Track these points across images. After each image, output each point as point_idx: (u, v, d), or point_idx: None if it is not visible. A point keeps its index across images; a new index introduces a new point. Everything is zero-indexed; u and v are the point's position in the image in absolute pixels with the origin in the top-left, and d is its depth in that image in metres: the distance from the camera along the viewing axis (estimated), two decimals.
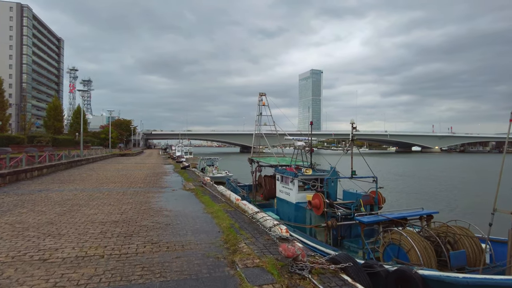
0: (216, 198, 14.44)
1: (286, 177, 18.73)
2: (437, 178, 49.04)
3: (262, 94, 27.15)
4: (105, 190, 16.65)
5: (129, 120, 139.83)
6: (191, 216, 10.80)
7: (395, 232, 10.71)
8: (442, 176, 51.94)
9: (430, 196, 32.64)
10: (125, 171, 28.44)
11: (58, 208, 11.89)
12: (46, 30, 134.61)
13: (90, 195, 15.09)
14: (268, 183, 23.33)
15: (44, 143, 64.38)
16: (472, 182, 45.57)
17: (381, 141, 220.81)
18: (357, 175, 16.11)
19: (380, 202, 15.89)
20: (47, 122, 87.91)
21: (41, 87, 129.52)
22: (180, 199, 14.38)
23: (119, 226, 9.36)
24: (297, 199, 17.89)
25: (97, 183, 19.81)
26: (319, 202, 14.76)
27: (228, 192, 15.02)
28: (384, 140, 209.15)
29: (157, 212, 11.43)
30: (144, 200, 13.82)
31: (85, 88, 70.29)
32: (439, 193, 35.11)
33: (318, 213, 14.96)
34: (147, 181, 21.19)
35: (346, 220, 14.75)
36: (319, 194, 14.99)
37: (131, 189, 17.19)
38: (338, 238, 14.87)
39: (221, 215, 10.52)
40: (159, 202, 13.50)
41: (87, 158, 40.48)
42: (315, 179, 18.38)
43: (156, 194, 15.55)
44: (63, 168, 28.74)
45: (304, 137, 21.10)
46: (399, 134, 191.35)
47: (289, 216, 18.53)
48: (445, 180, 45.90)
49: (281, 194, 19.52)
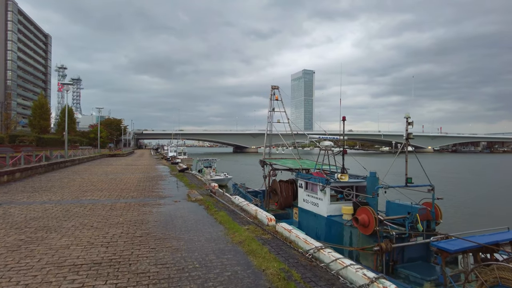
0: (236, 214, 10.87)
1: (313, 183, 15.32)
2: (456, 180, 45.91)
3: (274, 87, 23.69)
4: (88, 203, 12.93)
5: (120, 120, 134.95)
6: (211, 250, 7.22)
7: (505, 268, 7.19)
8: (460, 178, 48.82)
9: (463, 202, 29.42)
10: (114, 175, 24.66)
11: (14, 235, 8.16)
12: (33, 25, 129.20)
13: (66, 210, 11.37)
14: (285, 189, 19.90)
15: (27, 143, 60.04)
16: (503, 184, 42.48)
17: (374, 141, 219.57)
18: (413, 183, 12.79)
19: (437, 216, 12.62)
20: (32, 121, 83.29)
21: (27, 84, 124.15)
22: (188, 216, 10.75)
23: (102, 275, 5.73)
24: (329, 211, 14.53)
25: (79, 191, 16.05)
26: (369, 218, 11.39)
27: (252, 207, 11.37)
28: (378, 140, 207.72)
29: (160, 241, 7.82)
30: (139, 219, 10.17)
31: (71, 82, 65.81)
32: (470, 198, 31.92)
33: (366, 233, 11.60)
34: (141, 188, 17.51)
35: (401, 240, 11.46)
36: (368, 208, 11.61)
37: (122, 201, 13.49)
38: (390, 264, 11.48)
39: (257, 249, 6.97)
40: (160, 222, 9.87)
41: (73, 159, 36.46)
42: (349, 187, 15.05)
43: (154, 209, 11.90)
44: (42, 171, 24.81)
45: (332, 135, 17.66)
46: (392, 134, 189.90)
47: (317, 232, 15.16)
48: (469, 183, 42.65)
49: (305, 204, 16.13)
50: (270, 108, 23.85)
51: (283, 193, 19.84)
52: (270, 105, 23.85)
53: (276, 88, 24.19)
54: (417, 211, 11.79)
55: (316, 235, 14.98)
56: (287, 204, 20.09)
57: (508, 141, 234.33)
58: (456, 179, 47.78)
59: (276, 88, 24.18)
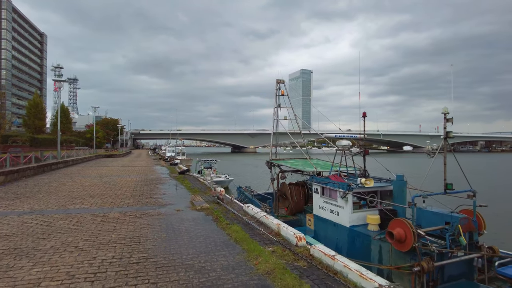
0: (253, 229, 9.00)
1: (332, 189, 13.52)
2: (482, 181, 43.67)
3: (280, 81, 21.77)
4: (76, 213, 11.04)
5: (116, 119, 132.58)
6: (231, 283, 5.40)
7: None
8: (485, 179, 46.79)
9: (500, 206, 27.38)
10: (109, 177, 22.75)
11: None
12: (28, 24, 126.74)
13: (48, 223, 9.48)
14: (296, 193, 18.09)
15: (20, 143, 57.94)
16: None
17: (372, 140, 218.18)
18: (453, 189, 11.00)
19: (480, 226, 10.81)
20: (27, 121, 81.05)
21: (23, 84, 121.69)
22: (195, 230, 8.90)
23: None
24: (352, 221, 12.73)
25: (67, 198, 14.14)
26: (405, 233, 9.60)
27: (273, 220, 9.37)
28: (376, 140, 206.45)
29: (163, 272, 5.96)
30: (135, 236, 8.31)
31: (64, 79, 63.25)
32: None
33: (403, 249, 9.80)
34: (138, 194, 15.62)
35: (441, 257, 9.72)
36: (403, 221, 9.80)
37: (115, 210, 11.61)
38: (430, 284, 9.64)
39: (294, 285, 5.15)
40: (161, 240, 8.00)
41: (66, 160, 34.49)
42: (373, 192, 13.25)
43: (153, 221, 10.02)
44: (31, 174, 22.85)
45: (350, 133, 15.89)
46: (391, 133, 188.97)
47: (337, 244, 13.37)
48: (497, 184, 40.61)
49: (322, 212, 14.33)
50: (276, 104, 21.97)
51: (294, 198, 18.05)
52: (276, 100, 21.97)
53: (282, 82, 22.30)
54: (459, 221, 10.03)
55: (336, 247, 13.19)
56: (299, 209, 18.32)
57: (506, 140, 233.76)
58: (482, 180, 45.70)
59: (281, 82, 22.29)
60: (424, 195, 10.71)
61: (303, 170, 17.78)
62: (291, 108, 21.88)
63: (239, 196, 21.70)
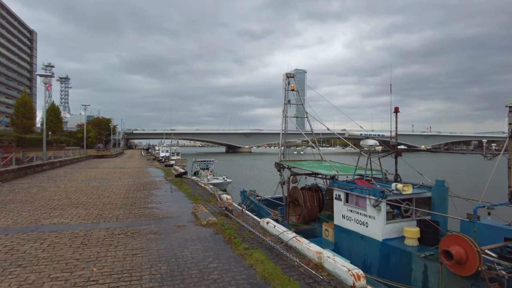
0: (281, 257, 6.78)
1: (360, 196, 11.48)
2: None
3: (289, 75, 19.79)
4: (50, 231, 8.71)
5: (109, 119, 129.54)
6: None
7: None
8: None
9: None
10: (98, 181, 20.37)
11: None
12: (17, 21, 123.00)
13: (10, 249, 7.14)
14: (310, 199, 16.01)
15: (6, 143, 55.12)
16: None
17: None
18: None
19: None
20: (14, 120, 77.94)
21: (11, 82, 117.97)
22: (205, 260, 6.67)
23: None
24: (385, 234, 10.68)
25: (44, 208, 11.80)
26: (466, 252, 7.57)
27: (311, 247, 6.98)
28: None
29: None
30: (125, 269, 6.03)
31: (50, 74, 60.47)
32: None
33: (463, 273, 7.76)
34: (130, 202, 13.32)
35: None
36: (463, 237, 7.75)
37: (101, 226, 9.32)
38: None
39: None
40: (160, 277, 5.73)
41: (52, 161, 31.96)
42: (408, 200, 11.27)
43: (149, 243, 7.75)
44: (9, 178, 20.36)
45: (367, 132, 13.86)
46: (386, 133, 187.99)
47: (365, 260, 11.34)
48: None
49: (345, 222, 12.31)
50: (285, 100, 19.89)
51: (307, 204, 15.94)
52: (285, 96, 19.90)
53: (292, 77, 20.32)
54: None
55: (364, 264, 11.11)
56: (312, 218, 16.26)
57: (498, 140, 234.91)
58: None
59: (291, 76, 20.30)
60: (489, 206, 8.67)
61: (322, 173, 15.63)
62: (302, 105, 19.83)
63: (243, 202, 19.56)
